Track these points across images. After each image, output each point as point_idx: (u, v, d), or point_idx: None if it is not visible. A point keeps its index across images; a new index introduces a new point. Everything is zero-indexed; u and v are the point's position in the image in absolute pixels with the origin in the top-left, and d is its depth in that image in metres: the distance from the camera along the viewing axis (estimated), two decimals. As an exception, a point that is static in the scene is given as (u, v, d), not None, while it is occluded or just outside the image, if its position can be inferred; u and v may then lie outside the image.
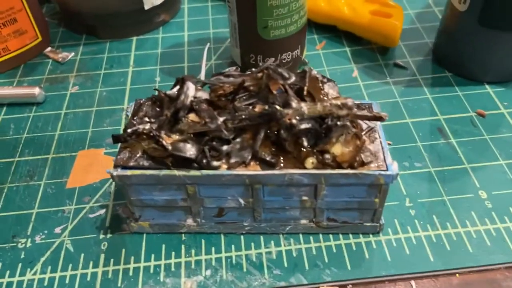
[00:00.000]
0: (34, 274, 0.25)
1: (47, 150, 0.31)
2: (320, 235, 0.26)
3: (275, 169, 0.22)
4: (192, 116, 0.23)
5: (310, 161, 0.22)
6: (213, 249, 0.25)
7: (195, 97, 0.24)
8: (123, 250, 0.26)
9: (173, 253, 0.25)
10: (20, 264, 0.25)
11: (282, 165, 0.22)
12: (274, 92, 0.23)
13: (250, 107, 0.23)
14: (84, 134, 0.32)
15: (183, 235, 0.26)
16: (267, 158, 0.22)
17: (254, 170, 0.22)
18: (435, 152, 0.30)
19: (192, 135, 0.23)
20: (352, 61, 0.37)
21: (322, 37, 0.40)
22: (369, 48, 0.38)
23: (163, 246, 0.26)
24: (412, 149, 0.30)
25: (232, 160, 0.22)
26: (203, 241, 0.26)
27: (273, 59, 0.24)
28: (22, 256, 0.26)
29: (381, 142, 0.23)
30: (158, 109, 0.24)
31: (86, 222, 0.27)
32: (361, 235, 0.26)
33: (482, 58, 0.33)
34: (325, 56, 0.38)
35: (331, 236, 0.26)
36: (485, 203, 0.27)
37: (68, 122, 0.33)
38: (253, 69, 0.24)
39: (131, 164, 0.23)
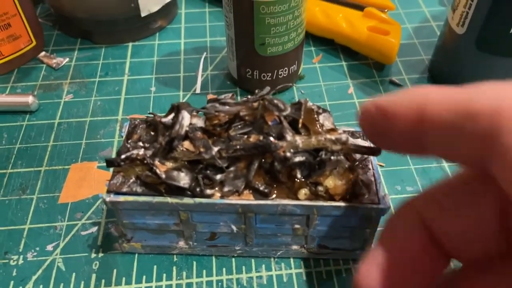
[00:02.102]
0: (26, 292, 0.25)
1: (40, 162, 0.31)
2: (311, 261, 0.26)
3: (268, 199, 0.22)
4: (186, 144, 0.23)
5: (303, 192, 0.22)
6: (204, 272, 0.26)
7: (190, 124, 0.24)
8: (115, 271, 0.26)
9: (164, 275, 0.26)
10: (12, 282, 0.25)
11: (275, 195, 0.23)
12: (270, 123, 0.23)
13: (245, 137, 0.23)
14: (77, 146, 0.32)
15: (174, 256, 0.26)
16: (261, 188, 0.22)
17: (247, 199, 0.23)
18: (427, 176, 0.30)
19: (186, 163, 0.23)
20: (348, 76, 0.37)
21: (319, 50, 0.39)
22: (365, 63, 0.38)
23: (155, 267, 0.26)
24: (405, 172, 0.30)
25: (226, 189, 0.23)
26: (194, 263, 0.26)
27: (269, 88, 0.24)
28: (14, 273, 0.26)
29: (374, 174, 0.24)
30: (152, 133, 0.24)
31: (78, 240, 0.27)
32: (351, 262, 0.26)
33: (478, 80, 0.33)
34: (321, 70, 0.38)
35: (321, 261, 0.26)
36: (474, 231, 0.27)
37: (62, 132, 0.33)
38: (249, 97, 0.24)
39: (124, 190, 0.23)
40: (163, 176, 0.22)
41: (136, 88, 0.36)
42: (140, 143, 0.24)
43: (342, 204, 0.22)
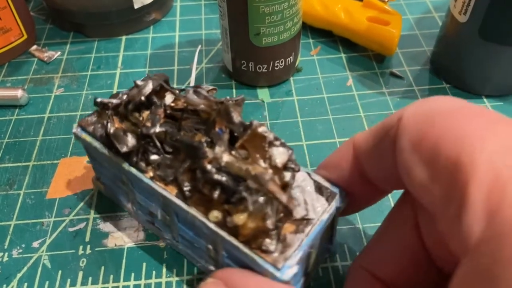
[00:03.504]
0: (10, 290, 0.24)
1: (28, 157, 0.30)
2: None
3: (184, 202, 0.21)
4: (146, 114, 0.23)
5: (215, 214, 0.20)
6: (195, 269, 0.25)
7: (161, 99, 0.23)
8: (102, 268, 0.25)
9: (154, 272, 0.25)
10: (-5, 280, 0.24)
11: (193, 201, 0.21)
12: (216, 129, 0.21)
13: (192, 133, 0.22)
14: (67, 140, 0.31)
15: (164, 253, 0.25)
16: (184, 188, 0.21)
17: (169, 192, 0.21)
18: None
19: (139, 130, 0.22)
20: (347, 69, 0.36)
21: (317, 42, 0.38)
22: (365, 55, 0.37)
23: (144, 264, 0.25)
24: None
25: (158, 173, 0.22)
26: (185, 260, 0.25)
27: (242, 96, 0.22)
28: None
29: (303, 240, 0.19)
30: None
31: (65, 236, 0.26)
32: (349, 259, 0.25)
33: (481, 70, 0.32)
34: (319, 63, 0.36)
35: (317, 258, 0.25)
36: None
37: (51, 127, 0.32)
38: (227, 98, 0.22)
39: (89, 129, 0.24)
40: (111, 131, 0.22)
41: (129, 81, 0.35)
42: (125, 96, 0.23)
43: (239, 247, 0.19)
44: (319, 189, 0.21)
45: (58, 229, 0.26)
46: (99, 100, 0.23)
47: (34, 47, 0.38)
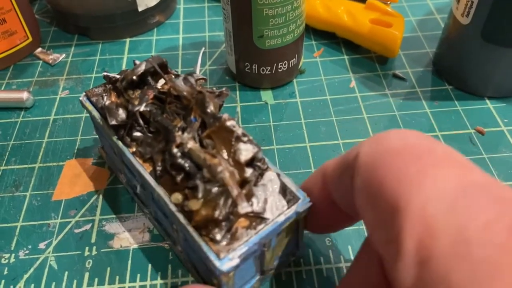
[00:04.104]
0: (17, 291, 0.24)
1: (34, 159, 0.30)
2: (311, 259, 0.25)
3: (155, 181, 0.22)
4: (137, 92, 0.24)
5: (176, 196, 0.20)
6: (200, 270, 0.25)
7: (153, 80, 0.24)
8: (108, 269, 0.25)
9: (159, 273, 0.25)
10: (3, 281, 0.25)
11: (162, 181, 0.21)
12: (191, 117, 0.22)
13: (173, 117, 0.23)
14: (72, 142, 0.31)
15: (170, 254, 0.25)
16: (157, 168, 0.22)
17: (146, 169, 0.22)
18: (432, 171, 0.29)
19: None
20: (350, 71, 0.36)
21: (320, 44, 0.39)
22: (368, 57, 0.37)
23: (149, 265, 0.25)
24: (408, 167, 0.29)
25: (139, 149, 0.23)
26: (190, 261, 0.25)
27: (224, 89, 0.23)
28: (6, 272, 0.25)
29: (251, 237, 0.19)
30: None
31: (71, 238, 0.26)
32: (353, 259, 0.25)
33: (484, 72, 0.32)
34: (322, 65, 0.37)
35: (321, 258, 0.25)
36: (480, 228, 0.26)
37: (57, 129, 0.32)
38: (213, 89, 0.23)
39: (93, 99, 0.25)
40: (105, 104, 0.23)
41: (133, 83, 0.36)
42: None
43: (191, 231, 0.19)
44: (284, 191, 0.21)
45: (64, 231, 0.27)
46: (105, 73, 0.25)
47: (39, 49, 0.39)
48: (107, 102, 0.23)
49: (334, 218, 0.20)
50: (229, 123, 0.20)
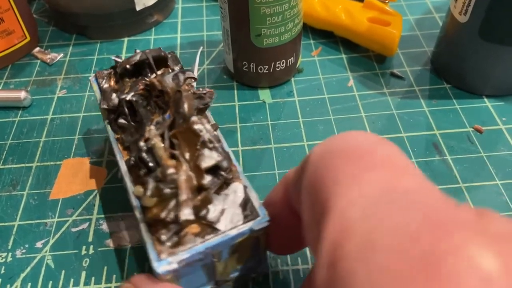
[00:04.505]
0: (14, 290, 0.24)
1: (32, 158, 0.30)
2: (308, 258, 0.25)
3: (128, 169, 0.22)
4: (131, 80, 0.24)
5: (138, 188, 0.20)
6: (197, 269, 0.25)
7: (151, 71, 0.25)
8: (105, 268, 0.25)
9: (156, 272, 0.25)
10: (0, 280, 0.25)
11: (133, 170, 0.22)
12: (166, 114, 0.22)
13: (155, 111, 0.23)
14: (70, 142, 0.31)
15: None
16: (131, 157, 0.22)
17: (123, 156, 0.23)
18: (430, 170, 0.29)
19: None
20: (348, 69, 0.36)
21: (318, 43, 0.39)
22: (366, 56, 0.37)
23: (146, 264, 0.25)
24: (406, 166, 0.29)
25: (123, 136, 0.23)
26: (187, 260, 0.25)
27: (211, 90, 0.23)
28: (3, 271, 0.25)
29: (195, 245, 0.19)
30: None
31: (68, 237, 0.26)
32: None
33: (482, 71, 0.32)
34: (320, 64, 0.37)
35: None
36: (478, 226, 0.26)
37: (54, 128, 0.32)
38: (199, 89, 0.23)
39: (99, 80, 0.26)
40: (103, 87, 0.24)
41: (131, 83, 0.36)
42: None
43: (141, 226, 0.19)
44: (245, 205, 0.20)
45: (61, 230, 0.27)
46: (113, 57, 0.26)
47: (37, 49, 0.39)
48: (105, 86, 0.24)
49: (297, 232, 0.19)
50: (196, 127, 0.20)
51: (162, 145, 0.20)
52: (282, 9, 0.30)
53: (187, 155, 0.20)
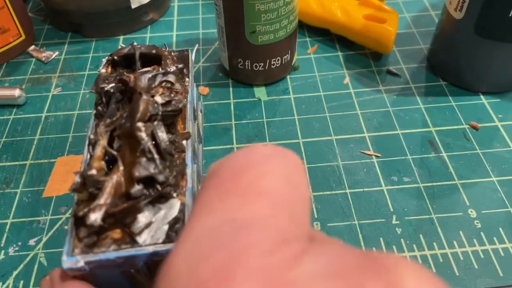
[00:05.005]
0: (6, 288, 0.24)
1: (26, 156, 0.30)
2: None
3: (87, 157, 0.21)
4: (119, 71, 0.24)
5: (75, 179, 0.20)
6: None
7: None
8: (98, 265, 0.25)
9: (149, 269, 0.24)
10: (-9, 277, 0.24)
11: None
12: (122, 113, 0.21)
13: (124, 105, 0.22)
14: (64, 139, 0.31)
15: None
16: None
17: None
18: (425, 167, 0.29)
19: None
20: (344, 67, 0.36)
21: (314, 41, 0.38)
22: (362, 53, 0.37)
23: (140, 261, 0.25)
24: (402, 163, 0.29)
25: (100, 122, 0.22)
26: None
27: (183, 103, 0.22)
28: (-5, 268, 0.25)
29: (102, 252, 0.18)
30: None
31: (61, 234, 0.26)
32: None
33: (478, 67, 0.32)
34: (316, 61, 0.37)
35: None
36: (474, 223, 0.26)
37: (49, 126, 0.32)
38: (163, 88, 0.22)
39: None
40: (101, 71, 0.23)
41: (126, 80, 0.36)
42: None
43: (71, 217, 0.19)
44: (173, 225, 0.19)
45: (54, 227, 0.26)
46: (121, 44, 0.26)
47: (32, 47, 0.39)
48: (102, 71, 0.24)
49: None
50: (138, 133, 0.19)
51: (102, 144, 0.19)
52: (277, 5, 0.30)
53: (126, 160, 0.19)
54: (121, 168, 0.19)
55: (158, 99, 0.21)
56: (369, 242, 0.25)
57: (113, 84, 0.22)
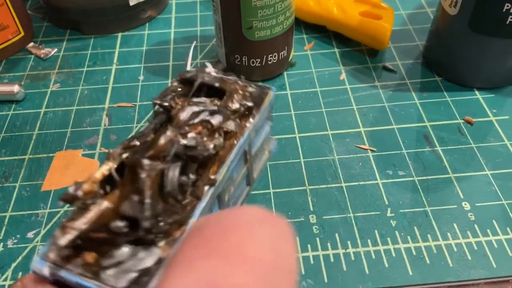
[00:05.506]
0: (5, 280, 0.24)
1: (24, 151, 0.31)
2: (299, 246, 0.25)
3: None
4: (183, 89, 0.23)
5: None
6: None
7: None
8: (96, 257, 0.25)
9: (147, 261, 0.25)
10: (-10, 269, 0.25)
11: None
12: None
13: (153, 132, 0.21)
14: (62, 134, 0.32)
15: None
16: None
17: None
18: (420, 161, 0.29)
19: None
20: (340, 63, 0.36)
21: (311, 37, 0.39)
22: (358, 50, 0.37)
23: (137, 253, 0.25)
24: (397, 157, 0.29)
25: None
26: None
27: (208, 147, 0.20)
28: (-7, 261, 0.25)
29: (67, 272, 0.17)
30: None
31: (59, 227, 0.26)
32: (340, 247, 0.25)
33: (472, 63, 0.32)
34: (313, 57, 0.37)
35: (309, 246, 0.25)
36: (468, 215, 0.26)
37: (47, 121, 0.33)
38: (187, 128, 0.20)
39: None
40: (172, 84, 0.22)
41: (124, 77, 0.36)
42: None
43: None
44: (142, 275, 0.18)
45: (52, 220, 0.27)
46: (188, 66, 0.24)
47: (31, 44, 0.39)
48: (174, 84, 0.22)
49: None
50: (139, 171, 0.18)
51: (109, 166, 0.19)
52: (273, 1, 0.30)
53: (125, 190, 0.18)
54: (117, 195, 0.18)
55: (185, 140, 0.19)
56: (364, 234, 0.25)
57: (166, 104, 0.21)
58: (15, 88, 0.33)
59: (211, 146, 0.20)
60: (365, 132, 0.31)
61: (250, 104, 0.22)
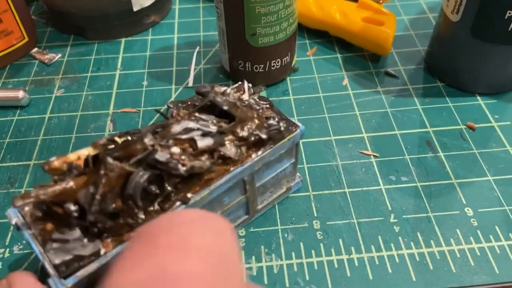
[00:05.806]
0: (11, 285, 0.25)
1: (29, 156, 0.31)
2: (303, 252, 0.25)
3: None
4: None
5: None
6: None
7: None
8: (102, 263, 0.25)
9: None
10: (-3, 275, 0.25)
11: None
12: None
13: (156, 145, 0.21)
14: (67, 140, 0.32)
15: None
16: None
17: None
18: (423, 166, 0.29)
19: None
20: (343, 69, 0.36)
21: (313, 43, 0.39)
22: (360, 55, 0.37)
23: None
24: (400, 162, 0.30)
25: None
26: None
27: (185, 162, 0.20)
28: (0, 266, 0.25)
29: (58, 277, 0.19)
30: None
31: (65, 233, 0.27)
32: (343, 253, 0.25)
33: (474, 69, 0.32)
34: (316, 63, 0.37)
35: (313, 252, 0.25)
36: (470, 221, 0.26)
37: (52, 127, 0.33)
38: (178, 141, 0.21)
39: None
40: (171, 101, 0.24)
41: (128, 82, 0.36)
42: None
43: None
44: (72, 260, 0.19)
45: (58, 226, 0.27)
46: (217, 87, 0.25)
47: (35, 49, 0.39)
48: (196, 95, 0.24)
49: None
50: (101, 167, 0.19)
51: (88, 152, 0.20)
52: (277, 8, 0.30)
53: (92, 177, 0.19)
54: (84, 180, 0.19)
55: (157, 154, 0.19)
56: (368, 240, 0.26)
57: (175, 110, 0.21)
58: (20, 93, 0.34)
59: (186, 167, 0.19)
60: (368, 138, 0.31)
61: (263, 136, 0.22)
